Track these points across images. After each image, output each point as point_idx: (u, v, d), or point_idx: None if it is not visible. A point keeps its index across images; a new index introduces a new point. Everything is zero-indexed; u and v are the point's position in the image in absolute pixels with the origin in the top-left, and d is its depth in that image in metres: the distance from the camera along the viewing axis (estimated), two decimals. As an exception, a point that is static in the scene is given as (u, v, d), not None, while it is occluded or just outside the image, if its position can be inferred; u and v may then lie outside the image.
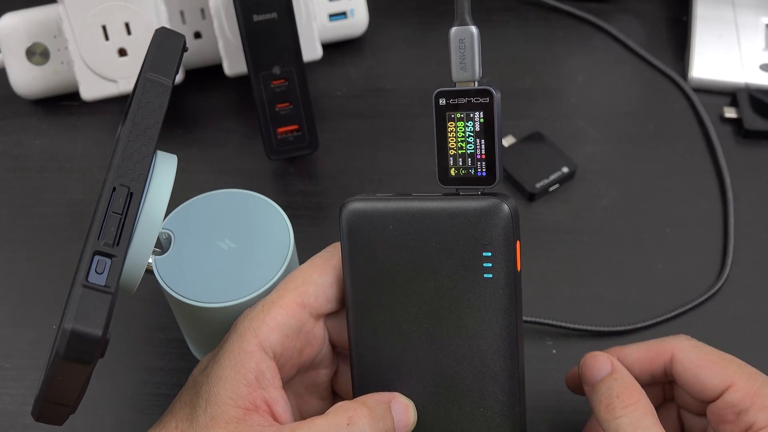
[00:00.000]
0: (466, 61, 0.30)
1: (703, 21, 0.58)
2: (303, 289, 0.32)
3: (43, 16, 0.53)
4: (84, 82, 0.52)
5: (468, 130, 0.31)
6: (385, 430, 0.31)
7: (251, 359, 0.31)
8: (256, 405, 0.31)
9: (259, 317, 0.32)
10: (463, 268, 0.31)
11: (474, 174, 0.31)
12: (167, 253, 0.38)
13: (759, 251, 0.47)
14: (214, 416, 0.30)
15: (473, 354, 0.31)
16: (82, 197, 0.51)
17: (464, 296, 0.31)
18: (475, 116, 0.30)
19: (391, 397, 0.32)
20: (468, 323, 0.31)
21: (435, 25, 0.62)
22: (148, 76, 0.31)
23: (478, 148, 0.31)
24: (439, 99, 0.31)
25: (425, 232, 0.31)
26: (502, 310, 0.30)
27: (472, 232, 0.30)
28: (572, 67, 0.59)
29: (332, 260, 0.33)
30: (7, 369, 0.43)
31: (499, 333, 0.31)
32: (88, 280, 0.25)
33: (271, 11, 0.46)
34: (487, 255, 0.30)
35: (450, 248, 0.31)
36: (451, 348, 0.31)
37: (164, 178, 0.30)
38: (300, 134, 0.49)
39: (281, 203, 0.40)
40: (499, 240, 0.30)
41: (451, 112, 0.31)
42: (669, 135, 0.54)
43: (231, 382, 0.31)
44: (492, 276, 0.30)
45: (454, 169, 0.31)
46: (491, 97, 0.30)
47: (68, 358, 0.24)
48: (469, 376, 0.31)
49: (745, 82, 0.55)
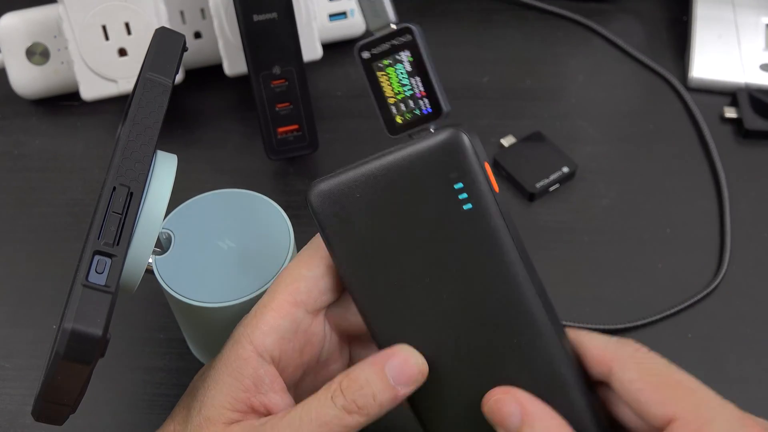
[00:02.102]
0: (376, 7, 0.30)
1: (703, 21, 0.58)
2: (293, 287, 0.31)
3: (43, 16, 0.53)
4: (84, 82, 0.52)
5: (400, 74, 0.30)
6: (375, 394, 0.29)
7: (248, 366, 0.30)
8: (254, 408, 0.30)
9: (253, 322, 0.31)
10: (441, 210, 0.29)
11: (420, 114, 0.30)
12: (167, 253, 0.38)
13: (758, 250, 0.47)
14: (209, 417, 0.30)
15: (484, 289, 0.29)
16: (82, 197, 0.51)
17: (453, 236, 0.29)
18: (402, 57, 0.30)
19: (388, 357, 0.30)
20: (467, 261, 0.29)
21: (435, 25, 0.62)
22: (148, 76, 0.31)
23: (416, 87, 0.30)
24: (362, 53, 0.30)
25: (393, 188, 0.29)
26: (493, 234, 0.29)
27: (436, 170, 0.29)
28: (572, 68, 0.59)
29: (318, 251, 0.32)
30: (7, 369, 0.43)
31: (500, 260, 0.29)
32: (88, 280, 0.25)
33: (271, 11, 0.46)
34: (459, 186, 0.29)
35: (422, 195, 0.29)
36: (462, 292, 0.30)
37: (164, 178, 0.30)
38: (300, 134, 0.49)
39: (281, 203, 0.40)
40: (463, 167, 0.29)
41: (377, 62, 0.30)
42: (669, 135, 0.54)
43: (228, 388, 0.30)
44: (472, 206, 0.29)
45: (399, 116, 0.30)
46: (412, 33, 0.29)
47: (68, 357, 0.24)
48: (489, 313, 0.29)
49: (745, 82, 0.55)
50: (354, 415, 0.29)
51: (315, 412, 0.29)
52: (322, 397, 0.29)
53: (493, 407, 0.29)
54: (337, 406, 0.29)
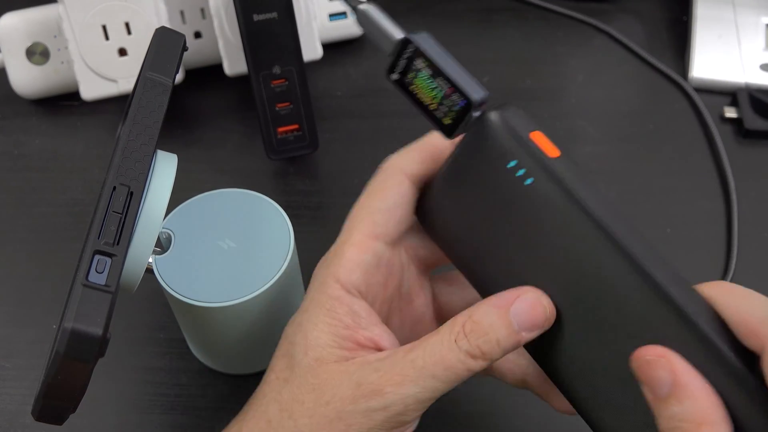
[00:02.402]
0: (380, 32, 0.31)
1: (703, 21, 0.58)
2: (370, 221, 0.31)
3: (43, 16, 0.53)
4: (84, 82, 0.52)
5: (425, 80, 0.31)
6: (499, 339, 0.28)
7: (341, 303, 0.30)
8: (361, 344, 0.30)
9: (335, 261, 0.31)
10: (509, 192, 0.29)
11: (459, 107, 0.30)
12: (167, 253, 0.38)
13: (760, 251, 0.47)
14: (318, 357, 0.30)
15: (585, 252, 0.28)
16: (82, 197, 0.51)
17: (531, 213, 0.28)
18: (419, 65, 0.30)
19: (513, 299, 0.28)
20: (556, 232, 0.28)
21: (435, 24, 0.62)
22: (148, 76, 0.31)
23: (444, 86, 0.30)
24: (391, 75, 0.31)
25: (464, 184, 0.30)
26: (564, 200, 0.28)
27: (486, 158, 0.29)
28: (572, 67, 0.59)
29: (387, 182, 0.32)
30: (7, 369, 0.43)
31: (584, 220, 0.27)
32: (89, 280, 0.25)
33: (271, 11, 0.46)
34: (512, 165, 0.29)
35: (489, 184, 0.29)
36: (564, 259, 0.28)
37: (164, 177, 0.30)
38: (300, 134, 0.49)
39: (281, 203, 0.40)
40: (506, 147, 0.29)
41: (405, 77, 0.31)
42: (669, 135, 0.54)
43: (328, 326, 0.30)
44: (533, 179, 0.28)
45: (445, 118, 0.30)
46: (411, 42, 0.30)
47: (68, 357, 0.24)
48: (595, 271, 0.27)
49: (745, 82, 0.55)
50: (478, 360, 0.28)
51: (439, 354, 0.28)
52: (446, 339, 0.28)
53: (643, 366, 0.26)
54: (461, 350, 0.28)
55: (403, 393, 0.28)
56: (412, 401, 0.28)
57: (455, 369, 0.28)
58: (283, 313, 0.39)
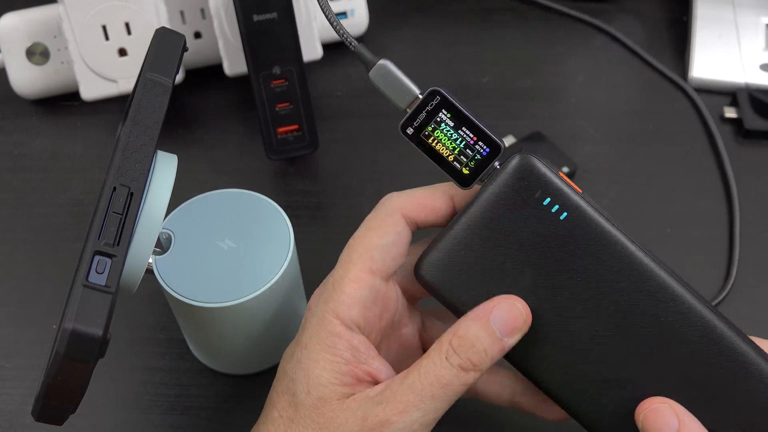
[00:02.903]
0: (399, 88, 0.32)
1: (703, 21, 0.58)
2: (368, 256, 0.32)
3: (43, 16, 0.53)
4: (84, 82, 0.52)
5: (447, 131, 0.32)
6: (486, 349, 0.30)
7: (341, 339, 0.31)
8: (360, 378, 0.31)
9: (334, 296, 0.31)
10: (543, 228, 0.31)
11: (482, 156, 0.32)
12: (167, 253, 0.38)
13: (761, 251, 0.47)
14: (321, 397, 0.30)
15: (617, 279, 0.31)
16: (82, 197, 0.51)
17: (564, 246, 0.31)
18: (442, 116, 0.31)
19: (490, 309, 0.30)
20: (588, 263, 0.31)
21: (435, 25, 0.62)
22: (148, 76, 0.31)
23: (467, 136, 0.31)
24: (407, 130, 0.32)
25: (492, 231, 0.31)
26: (598, 230, 0.30)
27: (522, 196, 0.31)
28: (572, 67, 0.59)
29: (387, 219, 0.32)
30: (7, 369, 0.43)
31: (618, 249, 0.30)
32: (89, 280, 0.25)
33: (271, 11, 0.46)
34: (548, 202, 0.30)
35: (520, 223, 0.31)
36: (595, 291, 0.31)
37: (164, 178, 0.30)
38: (300, 134, 0.49)
39: (281, 203, 0.40)
40: (544, 183, 0.30)
41: (422, 131, 0.32)
42: (669, 135, 0.54)
43: (329, 364, 0.31)
44: (567, 213, 0.31)
45: (464, 168, 0.32)
46: (440, 94, 0.31)
47: (68, 357, 0.24)
48: (627, 300, 0.31)
49: (745, 82, 0.55)
50: (470, 372, 0.29)
51: (434, 374, 0.29)
52: (437, 358, 0.30)
53: (649, 416, 0.30)
54: (453, 366, 0.29)
55: (409, 419, 0.29)
56: (418, 426, 0.29)
57: (452, 385, 0.29)
58: (283, 313, 0.39)
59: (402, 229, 0.32)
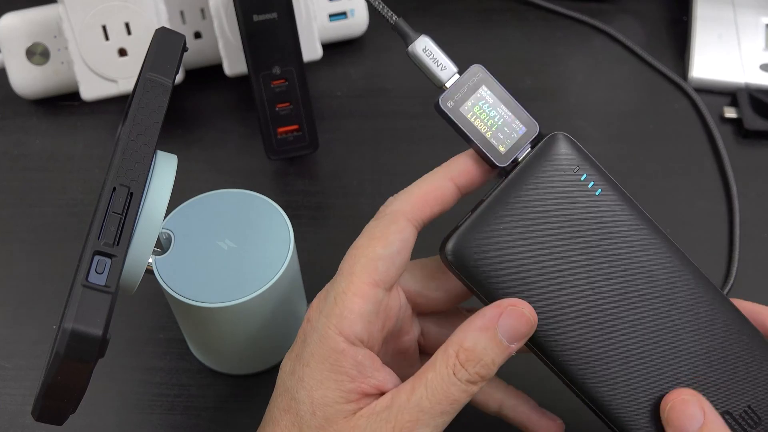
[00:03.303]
0: (440, 62, 0.33)
1: (703, 21, 0.58)
2: (372, 268, 0.30)
3: (43, 16, 0.53)
4: (84, 82, 0.52)
5: (486, 107, 0.32)
6: (494, 359, 0.29)
7: (346, 357, 0.30)
8: (366, 393, 0.30)
9: (336, 311, 0.30)
10: (580, 202, 0.32)
11: (518, 134, 0.32)
12: (167, 253, 0.38)
13: (761, 251, 0.47)
14: (327, 417, 0.30)
15: (645, 257, 0.32)
16: (82, 197, 0.51)
17: (600, 219, 0.32)
18: (482, 93, 0.32)
19: (496, 317, 0.29)
20: (619, 238, 0.32)
21: (435, 25, 0.62)
22: (148, 76, 0.31)
23: (504, 114, 0.32)
24: (447, 103, 0.32)
25: (531, 206, 0.31)
26: (628, 208, 0.32)
27: (560, 172, 0.31)
28: (572, 67, 0.59)
29: (390, 227, 0.31)
30: (8, 369, 0.43)
31: (645, 229, 0.32)
32: (88, 280, 0.25)
33: (271, 11, 0.46)
34: (585, 177, 0.32)
35: (558, 198, 0.31)
36: (623, 265, 0.32)
37: (164, 178, 0.30)
38: (300, 134, 0.49)
39: (281, 203, 0.40)
40: (581, 160, 0.32)
41: (461, 106, 0.32)
42: (669, 135, 0.54)
43: (334, 383, 0.30)
44: (601, 190, 0.32)
45: (500, 145, 0.32)
46: (482, 70, 0.32)
47: (68, 358, 0.24)
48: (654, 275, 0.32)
49: (745, 82, 0.55)
50: (477, 384, 0.29)
51: (442, 391, 0.29)
52: (443, 372, 0.29)
53: (677, 407, 0.30)
54: (462, 381, 0.29)
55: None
56: None
57: (460, 401, 0.29)
58: (283, 313, 0.39)
59: (407, 235, 0.31)
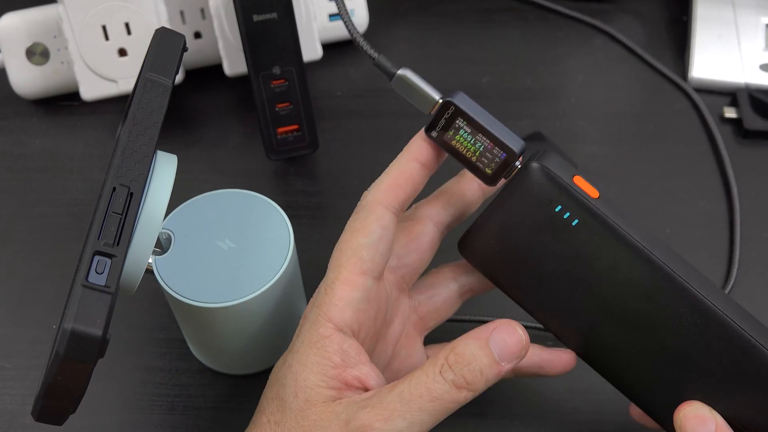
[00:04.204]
0: (420, 94, 0.34)
1: (703, 21, 0.58)
2: (357, 258, 0.32)
3: (43, 16, 0.53)
4: (84, 82, 0.52)
5: (465, 136, 0.33)
6: (482, 369, 0.29)
7: (332, 343, 0.31)
8: (348, 383, 0.31)
9: (326, 300, 0.31)
10: (556, 234, 0.32)
11: (500, 159, 0.33)
12: (167, 253, 0.38)
13: (761, 251, 0.47)
14: (308, 399, 0.30)
15: (630, 285, 0.32)
16: (82, 197, 0.51)
17: (576, 251, 0.32)
18: (459, 124, 0.33)
19: (490, 330, 0.30)
20: (601, 267, 0.32)
21: (435, 25, 0.62)
22: (148, 76, 0.31)
23: (484, 142, 0.33)
24: (431, 133, 0.34)
25: (513, 231, 0.33)
26: (607, 236, 0.31)
27: (535, 203, 0.32)
28: (572, 67, 0.59)
29: (369, 217, 0.33)
30: (8, 369, 0.43)
31: (628, 252, 0.31)
32: (88, 280, 0.25)
33: (271, 11, 0.46)
34: (559, 209, 0.32)
35: (536, 227, 0.32)
36: (611, 295, 0.32)
37: (164, 178, 0.30)
38: (300, 134, 0.49)
39: (281, 203, 0.40)
40: (552, 193, 0.32)
41: (445, 135, 0.33)
42: (669, 135, 0.54)
43: (317, 367, 0.30)
44: (578, 220, 0.32)
45: (487, 168, 0.33)
46: (453, 105, 0.33)
47: (68, 358, 0.24)
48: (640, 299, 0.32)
49: (745, 82, 0.55)
50: (463, 390, 0.29)
51: (425, 387, 0.29)
52: (430, 371, 0.29)
53: (689, 418, 0.31)
54: (446, 381, 0.29)
55: (392, 427, 0.29)
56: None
57: (441, 401, 0.29)
58: (282, 314, 0.39)
59: (386, 222, 0.33)
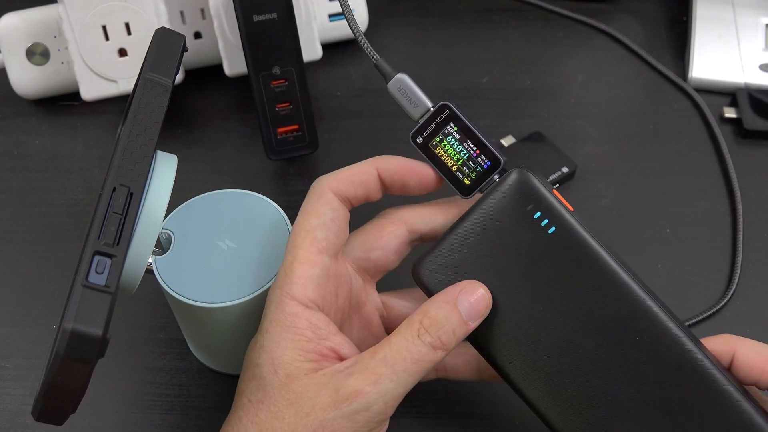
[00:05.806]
0: (413, 100, 0.35)
1: (703, 21, 0.58)
2: (311, 237, 0.33)
3: (43, 16, 0.53)
4: (84, 82, 0.52)
5: (452, 143, 0.34)
6: (454, 329, 0.31)
7: (300, 319, 0.32)
8: (324, 354, 0.32)
9: (287, 280, 0.32)
10: (532, 240, 0.32)
11: (483, 169, 0.34)
12: (167, 253, 0.38)
13: (762, 252, 0.47)
14: (289, 374, 0.31)
15: (596, 296, 0.32)
16: (82, 197, 0.51)
17: (550, 258, 0.32)
18: (449, 129, 0.34)
19: (456, 293, 0.32)
20: (571, 278, 0.32)
21: (435, 25, 0.62)
22: (148, 76, 0.31)
23: (470, 149, 0.34)
24: (416, 139, 0.35)
25: (485, 239, 0.33)
26: (582, 246, 0.32)
27: (515, 208, 0.33)
28: (572, 67, 0.59)
29: (319, 200, 0.34)
30: (8, 369, 0.43)
31: (599, 267, 0.32)
32: (88, 280, 0.25)
33: (271, 11, 0.46)
34: (538, 215, 0.32)
35: (512, 233, 0.33)
36: (576, 304, 0.32)
37: (164, 178, 0.31)
38: (300, 134, 0.49)
39: (281, 203, 0.40)
40: (536, 198, 0.32)
41: (430, 142, 0.34)
42: (669, 135, 0.54)
43: (291, 342, 0.31)
44: (555, 228, 0.32)
45: (465, 178, 0.34)
46: (449, 108, 0.34)
47: (68, 358, 0.24)
48: (606, 316, 0.32)
49: (745, 82, 0.55)
50: (438, 351, 0.31)
51: (406, 350, 0.31)
52: (408, 335, 0.31)
53: None
54: (425, 343, 0.31)
55: (381, 390, 0.30)
56: (390, 397, 0.30)
57: (423, 361, 0.31)
58: (283, 314, 0.39)
59: (336, 206, 0.34)
